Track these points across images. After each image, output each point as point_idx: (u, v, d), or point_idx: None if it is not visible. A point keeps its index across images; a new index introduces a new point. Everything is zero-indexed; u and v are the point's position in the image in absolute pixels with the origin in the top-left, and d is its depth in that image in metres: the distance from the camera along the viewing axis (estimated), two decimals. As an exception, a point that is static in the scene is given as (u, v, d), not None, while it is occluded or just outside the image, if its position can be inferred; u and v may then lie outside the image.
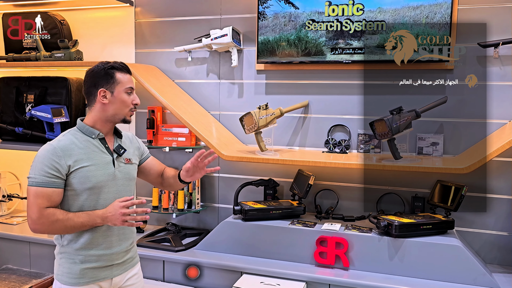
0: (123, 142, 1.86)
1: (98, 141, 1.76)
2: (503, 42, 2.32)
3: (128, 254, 1.85)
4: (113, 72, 1.76)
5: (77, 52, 2.95)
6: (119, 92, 1.75)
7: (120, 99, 1.75)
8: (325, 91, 2.71)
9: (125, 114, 1.78)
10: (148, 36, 3.05)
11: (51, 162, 1.63)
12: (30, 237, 2.84)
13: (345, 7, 2.52)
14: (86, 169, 1.68)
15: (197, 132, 2.57)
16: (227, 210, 2.91)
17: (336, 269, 2.30)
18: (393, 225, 2.21)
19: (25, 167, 3.39)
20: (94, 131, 1.75)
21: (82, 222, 1.66)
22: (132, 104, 1.79)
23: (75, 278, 1.71)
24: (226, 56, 2.87)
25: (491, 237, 2.47)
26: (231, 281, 2.34)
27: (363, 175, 2.64)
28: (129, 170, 1.85)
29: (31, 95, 3.08)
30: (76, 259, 1.72)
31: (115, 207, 1.66)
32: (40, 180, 1.63)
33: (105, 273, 1.76)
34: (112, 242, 1.77)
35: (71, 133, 1.74)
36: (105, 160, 1.75)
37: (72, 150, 1.68)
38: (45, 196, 1.63)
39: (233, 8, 2.84)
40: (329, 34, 2.56)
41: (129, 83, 1.78)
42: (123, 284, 1.84)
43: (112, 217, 1.65)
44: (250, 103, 2.82)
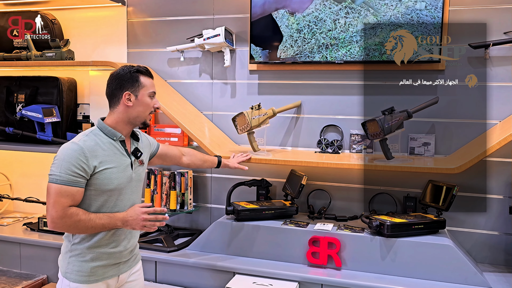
0: (140, 145, 1.90)
1: (119, 144, 1.78)
2: (493, 43, 2.34)
3: (134, 251, 1.91)
4: (138, 76, 1.78)
5: (68, 51, 2.93)
6: (143, 95, 1.79)
7: (144, 102, 1.79)
8: (317, 91, 2.71)
9: (146, 117, 1.82)
10: (141, 36, 3.04)
11: (78, 162, 1.63)
12: (20, 238, 2.81)
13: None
14: (110, 171, 1.71)
15: (189, 133, 2.57)
16: (220, 211, 2.91)
17: (329, 269, 2.31)
18: (385, 225, 2.22)
19: (15, 168, 3.40)
20: (116, 133, 1.77)
21: (103, 224, 1.69)
22: (154, 107, 1.83)
23: (85, 276, 1.73)
24: (219, 56, 2.87)
25: (482, 236, 2.49)
26: (223, 281, 2.33)
27: (355, 175, 2.65)
28: (141, 172, 1.89)
29: (22, 95, 3.06)
30: (87, 257, 1.73)
31: (136, 212, 1.72)
32: (65, 179, 1.62)
33: (113, 271, 1.80)
34: (120, 240, 1.80)
35: (94, 134, 1.75)
36: (125, 162, 1.78)
37: (97, 152, 1.70)
38: (69, 195, 1.63)
39: (226, 8, 2.84)
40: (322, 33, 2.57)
41: (152, 87, 1.83)
42: (127, 279, 1.89)
43: (132, 221, 1.71)
44: (242, 103, 2.82)
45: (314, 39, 2.59)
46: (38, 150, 2.94)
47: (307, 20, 2.58)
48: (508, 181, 2.42)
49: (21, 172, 3.40)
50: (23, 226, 3.00)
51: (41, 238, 2.79)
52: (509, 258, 2.44)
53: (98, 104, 3.15)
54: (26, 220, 3.14)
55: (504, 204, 2.44)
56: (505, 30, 2.37)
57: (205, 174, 2.95)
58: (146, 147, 1.98)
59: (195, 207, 2.93)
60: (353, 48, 2.53)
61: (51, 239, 2.77)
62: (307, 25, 2.59)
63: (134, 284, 1.92)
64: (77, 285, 1.72)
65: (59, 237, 2.80)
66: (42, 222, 2.90)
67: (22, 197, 3.21)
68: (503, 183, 2.44)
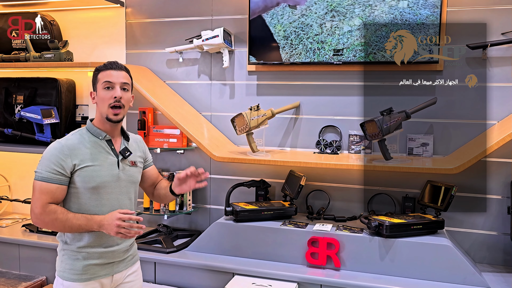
0: (130, 145, 1.89)
1: (105, 143, 1.79)
2: (491, 44, 2.34)
3: (129, 252, 1.89)
4: (96, 74, 1.78)
5: (67, 52, 2.93)
6: (99, 89, 1.76)
7: (100, 96, 1.76)
8: (316, 92, 2.71)
9: (107, 112, 1.74)
10: (139, 37, 3.04)
11: (57, 159, 1.68)
12: (19, 240, 2.81)
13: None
14: (91, 168, 1.72)
15: (188, 133, 2.57)
16: (219, 211, 2.91)
17: (328, 269, 2.31)
18: (384, 225, 2.22)
19: (14, 169, 3.39)
20: (101, 133, 1.78)
21: (80, 225, 1.69)
22: (112, 99, 1.73)
23: (77, 274, 1.74)
24: (218, 57, 2.87)
25: (481, 236, 2.49)
26: (222, 282, 2.33)
27: (354, 176, 2.65)
28: (133, 173, 1.87)
29: (21, 96, 3.06)
30: (79, 256, 1.75)
31: (112, 217, 1.68)
32: (45, 176, 1.67)
33: (106, 270, 1.79)
34: (113, 241, 1.80)
35: (80, 133, 1.78)
36: (110, 161, 1.78)
37: (79, 150, 1.72)
38: (49, 192, 1.67)
39: (224, 9, 2.84)
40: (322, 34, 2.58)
41: (105, 77, 1.74)
42: (123, 280, 1.87)
43: (107, 226, 1.68)
44: (241, 104, 2.82)
45: (301, 45, 2.60)
46: (37, 151, 2.93)
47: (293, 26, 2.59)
48: (506, 181, 2.43)
49: (20, 174, 3.39)
50: (22, 227, 3.00)
51: (40, 240, 2.79)
52: (508, 258, 2.44)
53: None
54: (25, 222, 3.14)
55: (502, 204, 2.44)
56: (503, 30, 2.37)
57: (204, 175, 2.94)
58: (141, 153, 1.95)
59: (194, 208, 2.93)
60: (349, 50, 2.53)
61: (50, 240, 2.77)
62: (293, 31, 2.60)
63: (131, 285, 1.91)
64: (70, 283, 1.73)
65: (58, 238, 2.80)
66: (41, 223, 2.89)
67: (21, 198, 3.20)
68: (501, 183, 2.44)
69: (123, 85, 1.77)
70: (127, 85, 1.79)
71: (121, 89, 1.76)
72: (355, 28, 2.50)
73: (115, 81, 1.75)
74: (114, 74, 1.76)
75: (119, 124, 1.83)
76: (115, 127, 1.81)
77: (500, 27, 2.38)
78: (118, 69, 1.78)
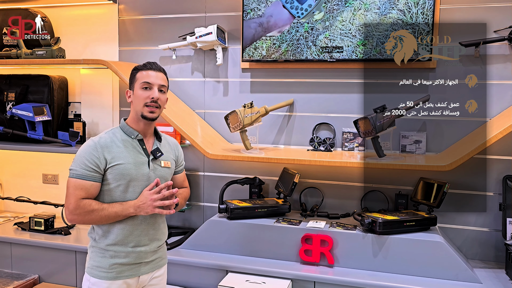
0: (162, 146, 1.89)
1: (137, 142, 1.80)
2: (483, 41, 2.35)
3: (157, 254, 1.88)
4: (135, 73, 1.81)
5: (59, 49, 2.90)
6: (136, 89, 1.79)
7: (136, 95, 1.79)
8: (309, 90, 2.72)
9: (142, 110, 1.77)
10: (132, 34, 3.02)
11: (91, 156, 1.70)
12: (11, 238, 2.79)
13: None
14: (122, 166, 1.73)
15: (182, 131, 2.56)
16: (213, 209, 2.90)
17: (321, 266, 2.32)
18: (377, 222, 2.23)
19: (6, 167, 3.37)
20: (134, 132, 1.80)
21: (116, 212, 1.72)
22: (149, 98, 1.76)
23: (104, 272, 1.75)
24: (211, 55, 2.86)
25: (473, 233, 2.51)
26: (216, 279, 2.34)
27: (347, 173, 2.66)
28: (164, 173, 1.86)
29: (12, 94, 3.03)
30: (106, 254, 1.76)
31: (145, 196, 1.73)
32: (80, 173, 1.69)
33: (132, 271, 1.79)
34: (141, 241, 1.80)
35: (113, 132, 1.81)
36: (141, 160, 1.79)
37: (111, 147, 1.74)
38: (83, 188, 1.69)
39: (218, 6, 2.83)
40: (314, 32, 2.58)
41: (144, 78, 1.77)
42: (148, 283, 1.87)
43: (144, 206, 1.72)
44: (235, 102, 2.82)
45: (295, 42, 2.60)
46: (29, 149, 2.92)
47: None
48: (498, 178, 2.45)
49: (12, 171, 3.37)
50: (14, 225, 2.98)
51: (32, 238, 2.77)
52: (499, 254, 2.46)
53: (89, 102, 3.13)
54: (17, 220, 3.12)
55: (494, 201, 2.46)
56: (496, 28, 2.39)
57: (197, 173, 2.94)
58: (174, 156, 1.95)
59: (188, 206, 2.93)
60: (343, 48, 2.53)
61: (43, 238, 2.75)
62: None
63: None
64: (96, 280, 1.75)
65: (50, 236, 2.78)
66: (33, 221, 2.87)
67: (13, 196, 3.18)
68: (493, 180, 2.46)
69: (160, 87, 1.80)
70: (164, 87, 1.82)
71: (158, 90, 1.79)
72: (348, 25, 2.50)
73: (153, 82, 1.78)
74: (153, 75, 1.79)
75: (153, 123, 1.84)
76: (149, 126, 1.83)
77: (495, 26, 2.40)
78: (157, 70, 1.81)
